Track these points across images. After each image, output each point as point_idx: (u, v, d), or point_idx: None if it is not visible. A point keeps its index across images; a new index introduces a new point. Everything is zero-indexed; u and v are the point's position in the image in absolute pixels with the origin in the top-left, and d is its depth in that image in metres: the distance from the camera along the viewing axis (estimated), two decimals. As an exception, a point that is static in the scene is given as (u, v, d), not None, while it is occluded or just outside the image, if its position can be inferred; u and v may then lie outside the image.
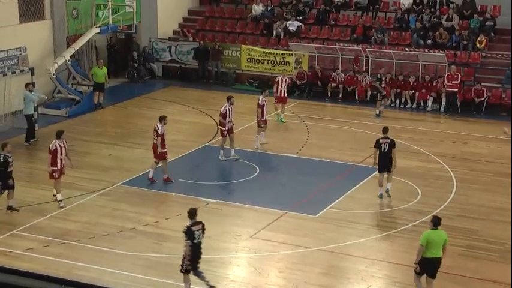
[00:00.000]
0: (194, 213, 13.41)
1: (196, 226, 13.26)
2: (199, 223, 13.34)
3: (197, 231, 13.21)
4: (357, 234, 16.43)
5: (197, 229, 13.23)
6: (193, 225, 13.28)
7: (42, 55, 27.00)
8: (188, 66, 31.74)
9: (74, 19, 28.34)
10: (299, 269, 14.86)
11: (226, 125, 20.84)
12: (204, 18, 33.93)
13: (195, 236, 13.18)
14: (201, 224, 13.34)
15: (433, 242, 13.22)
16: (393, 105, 27.61)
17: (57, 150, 17.72)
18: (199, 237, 13.23)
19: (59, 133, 18.07)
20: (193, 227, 13.24)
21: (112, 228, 16.73)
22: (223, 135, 21.04)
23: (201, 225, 13.32)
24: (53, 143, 17.84)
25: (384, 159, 18.32)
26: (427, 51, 28.47)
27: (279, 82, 24.98)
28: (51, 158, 17.68)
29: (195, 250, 13.27)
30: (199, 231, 13.24)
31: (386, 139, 18.45)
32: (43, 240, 16.05)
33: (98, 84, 26.73)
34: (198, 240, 13.22)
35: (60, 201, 17.87)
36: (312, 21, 32.16)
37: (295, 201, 18.30)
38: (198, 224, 13.30)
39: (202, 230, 13.31)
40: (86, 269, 14.75)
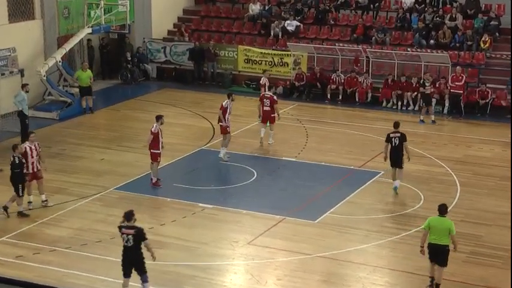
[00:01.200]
0: (128, 216, 13.24)
1: (127, 230, 13.11)
2: (133, 228, 13.12)
3: (125, 235, 13.10)
4: (358, 241, 16.46)
5: (126, 232, 13.09)
6: (125, 227, 13.17)
7: (32, 56, 27.01)
8: (183, 68, 31.77)
9: (65, 19, 28.36)
10: (298, 277, 14.88)
11: (225, 121, 21.16)
12: (199, 18, 33.98)
13: (123, 238, 13.15)
14: (135, 230, 13.09)
15: (435, 228, 13.91)
16: (395, 107, 27.65)
17: (27, 152, 17.64)
18: (127, 242, 13.11)
19: (28, 135, 18.14)
20: (123, 228, 13.17)
21: (105, 234, 16.73)
22: (226, 132, 21.33)
23: (134, 231, 13.08)
24: (22, 146, 17.84)
25: (395, 154, 18.87)
26: (429, 52, 28.53)
27: (265, 84, 24.96)
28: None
29: (124, 253, 13.28)
30: (129, 236, 13.06)
31: (397, 133, 18.94)
32: (33, 247, 16.05)
33: (84, 88, 26.55)
34: (126, 244, 13.14)
35: (29, 203, 17.88)
36: (311, 21, 32.22)
37: (294, 207, 18.32)
38: (129, 229, 13.11)
39: (134, 237, 13.04)
40: (77, 277, 14.76)
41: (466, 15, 30.02)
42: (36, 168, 17.87)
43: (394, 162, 18.93)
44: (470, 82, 27.58)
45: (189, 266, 15.25)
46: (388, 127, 23.96)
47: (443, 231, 13.84)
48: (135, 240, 13.14)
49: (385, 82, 28.11)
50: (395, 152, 18.88)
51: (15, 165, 17.33)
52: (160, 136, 19.20)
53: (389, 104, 27.82)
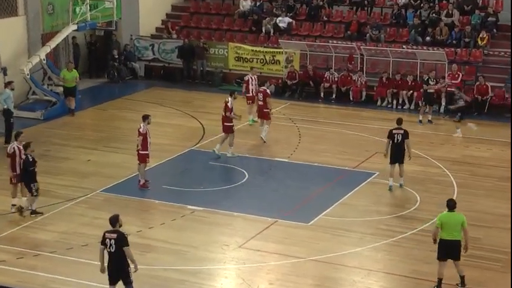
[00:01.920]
0: (113, 221, 13.16)
1: (110, 234, 13.04)
2: (115, 233, 13.03)
3: (108, 239, 12.99)
4: (352, 243, 16.45)
5: (109, 237, 13.00)
6: (108, 231, 13.09)
7: (15, 54, 26.90)
8: (172, 66, 31.72)
9: (50, 15, 28.27)
10: (291, 281, 14.86)
11: (232, 120, 21.67)
12: (188, 14, 33.94)
13: (106, 243, 13.03)
14: (117, 234, 13.00)
15: (448, 224, 14.16)
16: (390, 106, 27.68)
17: (15, 153, 17.68)
18: (110, 247, 12.98)
19: (17, 134, 18.10)
20: (106, 233, 13.09)
21: (91, 238, 16.64)
22: (232, 131, 21.67)
23: (116, 235, 12.97)
24: (10, 146, 17.83)
25: (397, 151, 19.16)
26: (425, 49, 28.57)
27: (249, 81, 25.06)
28: (10, 162, 17.69)
29: (109, 259, 13.10)
30: (111, 240, 12.94)
31: (400, 130, 19.21)
32: (17, 251, 15.96)
33: (68, 89, 26.41)
34: (109, 249, 13.00)
35: (13, 206, 17.86)
36: (303, 17, 32.23)
37: (287, 209, 18.31)
38: (112, 233, 13.04)
39: (116, 241, 12.92)
40: (63, 282, 14.70)
41: (463, 11, 30.09)
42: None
43: (395, 158, 19.24)
44: (467, 80, 27.63)
45: (179, 270, 15.20)
46: (383, 126, 24.08)
47: (456, 226, 14.18)
48: (116, 245, 12.97)
49: (379, 80, 28.15)
50: (397, 149, 19.18)
51: (29, 163, 17.51)
52: (148, 136, 19.16)
53: (384, 103, 27.85)
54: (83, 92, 28.59)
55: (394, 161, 19.30)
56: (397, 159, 19.27)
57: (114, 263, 13.13)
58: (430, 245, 16.27)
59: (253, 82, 25.04)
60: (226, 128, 21.73)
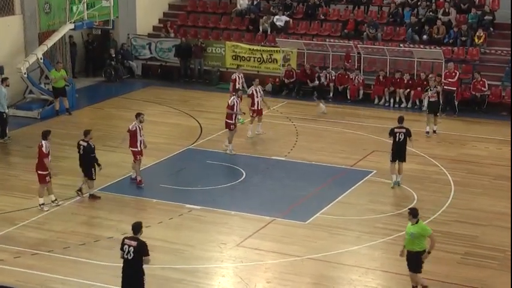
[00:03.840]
0: (135, 229, 12.83)
1: (129, 241, 12.69)
2: (135, 241, 12.67)
3: (127, 246, 12.64)
4: (349, 242, 16.48)
5: (128, 244, 12.65)
6: (128, 238, 12.80)
7: (12, 53, 26.90)
8: (169, 64, 31.74)
9: (47, 14, 28.25)
10: (288, 279, 14.88)
11: (233, 117, 21.69)
12: (185, 13, 33.95)
13: (124, 249, 12.68)
14: (137, 243, 12.63)
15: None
16: (387, 104, 27.72)
17: (50, 152, 18.07)
18: (127, 254, 12.60)
19: (46, 133, 18.23)
20: (126, 239, 12.78)
21: (89, 237, 16.69)
22: (229, 128, 21.77)
23: (136, 243, 12.60)
24: (45, 146, 17.93)
25: (398, 149, 19.31)
26: (422, 48, 28.61)
27: (236, 80, 25.05)
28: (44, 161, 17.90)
29: (123, 265, 12.78)
30: (130, 247, 12.58)
31: (402, 128, 19.35)
32: (14, 251, 15.97)
33: (58, 90, 26.19)
34: (126, 256, 12.64)
35: (42, 205, 18.02)
36: (300, 16, 32.25)
37: (284, 207, 18.33)
38: (132, 240, 12.69)
39: (135, 249, 12.56)
40: (61, 281, 14.70)
41: (460, 9, 30.13)
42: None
43: (397, 156, 19.37)
44: (464, 78, 27.68)
45: (176, 269, 15.23)
46: (381, 125, 24.15)
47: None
48: (135, 253, 12.60)
49: (377, 79, 28.18)
50: (398, 147, 19.33)
51: (90, 149, 18.42)
52: (139, 134, 19.23)
53: (381, 102, 27.89)
54: (80, 91, 28.59)
55: (395, 159, 19.43)
56: (399, 156, 19.39)
57: (129, 270, 12.75)
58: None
59: (240, 81, 25.05)
60: (226, 124, 21.96)
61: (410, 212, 13.92)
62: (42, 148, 17.93)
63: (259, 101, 23.47)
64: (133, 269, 12.69)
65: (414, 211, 13.87)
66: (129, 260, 12.64)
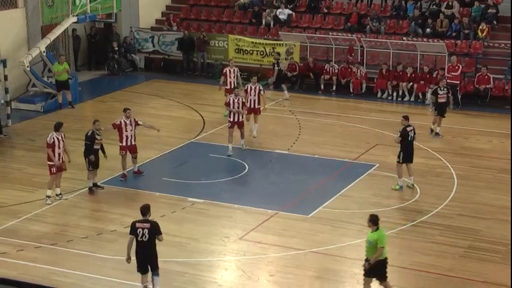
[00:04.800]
0: (144, 211, 13.40)
1: (142, 224, 13.28)
2: (148, 222, 13.30)
3: (140, 229, 13.23)
4: (352, 235, 16.47)
5: (141, 227, 13.25)
6: (139, 221, 13.34)
7: (15, 46, 26.87)
8: (172, 58, 31.71)
9: (49, 7, 28.21)
10: (290, 273, 14.89)
11: (230, 115, 21.32)
12: (188, 6, 33.90)
13: (138, 233, 13.24)
14: (150, 224, 13.29)
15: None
16: (390, 98, 27.68)
17: (55, 143, 17.91)
18: (143, 236, 13.22)
19: (58, 125, 18.24)
20: (137, 223, 13.32)
21: (92, 230, 16.71)
22: (229, 126, 21.43)
23: (149, 225, 13.26)
24: (50, 136, 17.90)
25: (410, 149, 18.87)
26: (425, 41, 28.55)
27: (227, 73, 24.63)
28: (51, 151, 17.92)
29: (139, 249, 13.33)
30: (144, 230, 13.21)
31: (411, 126, 18.93)
32: (17, 244, 15.99)
33: (61, 83, 26.21)
34: (141, 239, 13.23)
35: (48, 198, 18.04)
36: (303, 9, 32.18)
37: (287, 201, 18.33)
38: (144, 223, 13.29)
39: (149, 230, 13.21)
40: (64, 274, 14.72)
41: (463, 3, 30.05)
42: (61, 159, 18.09)
43: (409, 157, 18.88)
44: (467, 72, 27.62)
45: (179, 262, 15.23)
46: (384, 118, 24.14)
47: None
48: (150, 234, 13.23)
49: (380, 72, 28.14)
50: (411, 147, 18.86)
51: (87, 137, 18.54)
52: (124, 129, 19.22)
53: (384, 95, 27.85)
54: (83, 84, 28.58)
55: (405, 160, 18.84)
56: (410, 157, 18.87)
57: (145, 251, 13.33)
58: (430, 236, 16.39)
59: (232, 75, 24.62)
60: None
61: (370, 218, 13.25)
62: (47, 138, 17.98)
63: (253, 100, 22.42)
64: (150, 249, 13.33)
65: (374, 218, 13.25)
66: (144, 241, 13.24)
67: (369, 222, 13.27)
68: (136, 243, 13.35)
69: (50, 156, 17.99)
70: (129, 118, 19.32)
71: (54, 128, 18.12)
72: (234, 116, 21.34)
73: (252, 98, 22.46)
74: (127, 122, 19.29)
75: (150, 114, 25.77)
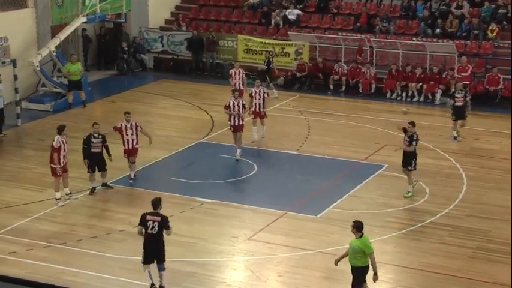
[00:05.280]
0: (155, 204, 13.75)
1: (152, 216, 13.58)
2: (159, 216, 13.60)
3: (151, 222, 13.54)
4: (361, 236, 16.45)
5: (152, 219, 13.56)
6: (149, 214, 13.65)
7: (24, 46, 26.99)
8: (181, 58, 31.77)
9: (59, 7, 28.32)
10: (299, 273, 14.91)
11: (230, 119, 21.04)
12: (197, 7, 33.95)
13: (148, 225, 13.54)
14: (161, 217, 13.58)
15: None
16: (399, 98, 27.65)
17: (61, 147, 18.05)
18: (152, 229, 13.53)
19: (61, 128, 18.31)
20: (148, 215, 13.63)
21: (100, 230, 16.77)
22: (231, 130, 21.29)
23: (160, 218, 13.55)
24: (56, 140, 17.95)
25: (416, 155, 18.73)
26: (435, 41, 28.51)
27: (233, 75, 24.68)
28: (56, 155, 17.95)
29: (147, 240, 13.63)
30: (154, 223, 13.52)
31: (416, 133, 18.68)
32: (27, 243, 16.07)
33: (73, 82, 26.33)
34: (150, 231, 13.55)
35: (58, 200, 18.11)
36: (312, 10, 32.19)
37: (296, 201, 18.35)
38: (155, 216, 13.59)
39: (160, 224, 13.52)
40: (73, 273, 14.79)
41: (473, 3, 30.00)
42: (65, 161, 18.21)
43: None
44: (477, 72, 27.57)
45: (188, 262, 15.28)
46: (393, 119, 24.08)
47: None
48: (160, 228, 13.53)
49: (389, 72, 28.11)
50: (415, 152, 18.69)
51: (83, 140, 18.66)
52: (124, 133, 19.08)
53: (393, 95, 27.82)
54: (92, 84, 28.67)
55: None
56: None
57: (153, 244, 13.65)
58: (438, 237, 16.37)
59: (237, 76, 24.62)
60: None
61: (354, 225, 13.01)
62: (53, 142, 18.01)
63: (258, 104, 22.28)
64: (159, 241, 13.65)
65: (358, 224, 12.99)
66: (154, 234, 13.56)
67: (353, 228, 13.01)
68: (145, 235, 13.62)
69: (54, 160, 17.98)
70: (130, 122, 19.16)
71: (58, 131, 18.16)
72: (234, 120, 20.97)
73: (258, 102, 22.32)
74: (127, 126, 19.14)
75: (159, 114, 25.86)
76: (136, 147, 19.32)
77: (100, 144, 18.60)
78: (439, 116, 25.81)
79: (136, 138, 19.24)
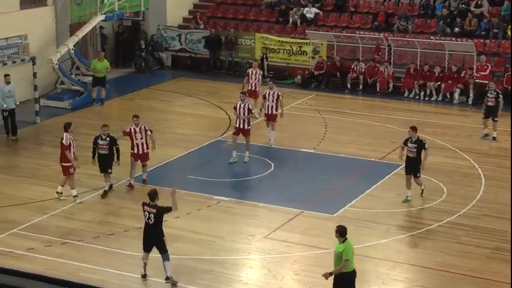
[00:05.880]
0: (151, 196, 14.14)
1: (149, 208, 14.01)
2: (154, 208, 13.98)
3: (147, 213, 14.00)
4: (378, 235, 16.46)
5: (148, 211, 14.00)
6: (147, 205, 14.09)
7: (44, 43, 27.16)
8: (199, 56, 31.82)
9: (78, 5, 28.46)
10: (316, 272, 14.87)
11: (236, 121, 20.76)
12: (215, 5, 33.99)
13: (144, 215, 14.07)
14: (156, 209, 13.95)
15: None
16: (417, 97, 27.56)
17: (71, 144, 18.09)
18: (148, 219, 14.00)
19: (67, 125, 18.34)
20: (145, 206, 14.10)
21: (117, 227, 16.85)
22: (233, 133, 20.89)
23: (155, 210, 13.94)
24: (66, 137, 18.03)
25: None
26: (453, 40, 28.37)
27: (249, 74, 24.40)
28: (66, 152, 18.00)
29: (145, 229, 14.19)
30: (150, 214, 13.95)
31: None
32: (45, 239, 16.19)
33: (98, 79, 26.58)
34: (147, 221, 14.03)
35: (75, 197, 18.18)
36: (330, 8, 32.14)
37: (312, 200, 18.35)
38: (152, 207, 14.00)
39: (155, 215, 13.93)
40: (90, 270, 14.88)
41: (493, 1, 29.82)
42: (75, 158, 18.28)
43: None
44: (496, 72, 27.42)
45: (205, 260, 15.32)
46: (410, 118, 24.02)
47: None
48: (156, 219, 13.97)
49: (407, 71, 28.02)
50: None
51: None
52: (134, 137, 18.79)
53: (411, 94, 27.73)
54: (110, 82, 28.76)
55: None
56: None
57: (150, 234, 14.14)
58: (455, 237, 16.31)
59: (253, 76, 24.32)
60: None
61: (337, 230, 12.80)
62: (62, 141, 18.08)
63: (271, 106, 22.04)
64: (156, 232, 14.08)
65: (342, 229, 12.76)
66: (150, 224, 14.05)
67: (336, 233, 12.81)
68: (144, 224, 14.17)
69: (67, 157, 17.98)
70: (138, 125, 18.84)
71: (64, 128, 18.20)
72: (239, 122, 20.62)
73: (270, 104, 22.07)
74: (136, 130, 18.82)
75: (176, 112, 25.94)
76: (147, 153, 18.97)
77: (106, 147, 18.34)
78: (457, 115, 25.74)
79: (146, 142, 18.87)
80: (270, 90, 22.22)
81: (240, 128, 20.65)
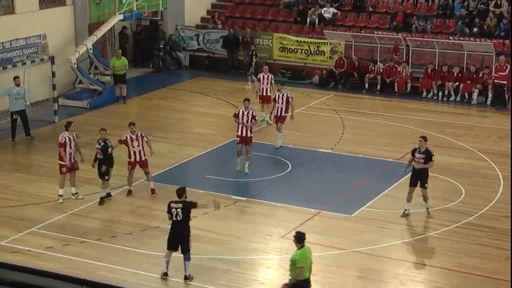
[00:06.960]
0: (179, 193, 14.29)
1: (176, 204, 14.13)
2: (181, 202, 14.13)
3: (174, 209, 14.09)
4: (396, 236, 16.37)
5: (175, 207, 14.10)
6: (173, 202, 14.22)
7: (62, 43, 27.27)
8: (217, 56, 31.82)
9: (97, 5, 28.56)
10: (333, 272, 14.85)
11: (238, 129, 20.13)
12: (233, 5, 33.98)
13: (172, 212, 14.13)
14: (182, 204, 14.08)
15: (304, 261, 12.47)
16: (435, 98, 27.39)
17: (67, 143, 17.96)
18: (176, 216, 14.07)
19: (68, 124, 18.32)
20: (172, 203, 14.20)
21: (135, 226, 16.87)
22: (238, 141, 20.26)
23: (182, 204, 14.07)
24: (62, 136, 18.05)
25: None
26: (472, 40, 28.18)
27: (261, 79, 23.91)
28: (63, 151, 17.99)
29: (173, 228, 14.25)
30: (178, 209, 14.05)
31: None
32: (63, 238, 16.24)
33: (118, 77, 26.73)
34: (175, 218, 14.10)
35: (60, 197, 18.13)
36: (348, 8, 32.03)
37: (330, 200, 18.28)
38: (178, 203, 14.13)
39: (182, 209, 14.03)
40: (108, 269, 14.90)
41: (512, 2, 29.61)
42: (73, 159, 18.13)
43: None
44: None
45: (222, 259, 15.30)
46: (428, 118, 23.90)
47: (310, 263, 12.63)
48: (183, 213, 14.02)
49: (425, 72, 27.87)
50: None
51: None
52: (130, 145, 18.32)
53: (429, 95, 27.57)
54: (129, 81, 28.80)
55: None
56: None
57: (178, 230, 14.15)
58: (474, 238, 16.19)
59: (265, 81, 23.84)
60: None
61: (295, 235, 12.49)
62: (58, 138, 18.11)
63: (280, 108, 21.68)
64: (184, 228, 14.14)
65: (299, 235, 12.43)
66: (179, 220, 14.10)
67: (294, 239, 12.49)
68: (172, 222, 14.20)
69: (61, 156, 17.98)
70: (135, 133, 18.38)
71: (65, 127, 18.19)
72: (242, 130, 19.94)
73: (280, 106, 21.81)
74: (133, 137, 18.35)
75: (194, 112, 25.95)
76: (145, 160, 18.52)
77: (100, 152, 17.92)
78: (476, 115, 25.56)
79: (143, 149, 18.42)
80: (279, 93, 21.92)
81: (243, 136, 19.99)
